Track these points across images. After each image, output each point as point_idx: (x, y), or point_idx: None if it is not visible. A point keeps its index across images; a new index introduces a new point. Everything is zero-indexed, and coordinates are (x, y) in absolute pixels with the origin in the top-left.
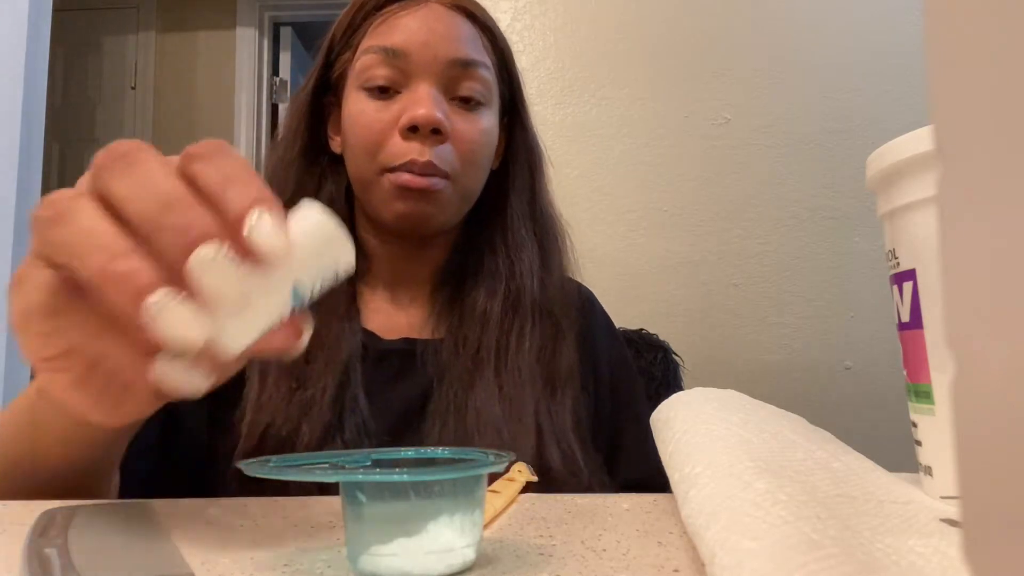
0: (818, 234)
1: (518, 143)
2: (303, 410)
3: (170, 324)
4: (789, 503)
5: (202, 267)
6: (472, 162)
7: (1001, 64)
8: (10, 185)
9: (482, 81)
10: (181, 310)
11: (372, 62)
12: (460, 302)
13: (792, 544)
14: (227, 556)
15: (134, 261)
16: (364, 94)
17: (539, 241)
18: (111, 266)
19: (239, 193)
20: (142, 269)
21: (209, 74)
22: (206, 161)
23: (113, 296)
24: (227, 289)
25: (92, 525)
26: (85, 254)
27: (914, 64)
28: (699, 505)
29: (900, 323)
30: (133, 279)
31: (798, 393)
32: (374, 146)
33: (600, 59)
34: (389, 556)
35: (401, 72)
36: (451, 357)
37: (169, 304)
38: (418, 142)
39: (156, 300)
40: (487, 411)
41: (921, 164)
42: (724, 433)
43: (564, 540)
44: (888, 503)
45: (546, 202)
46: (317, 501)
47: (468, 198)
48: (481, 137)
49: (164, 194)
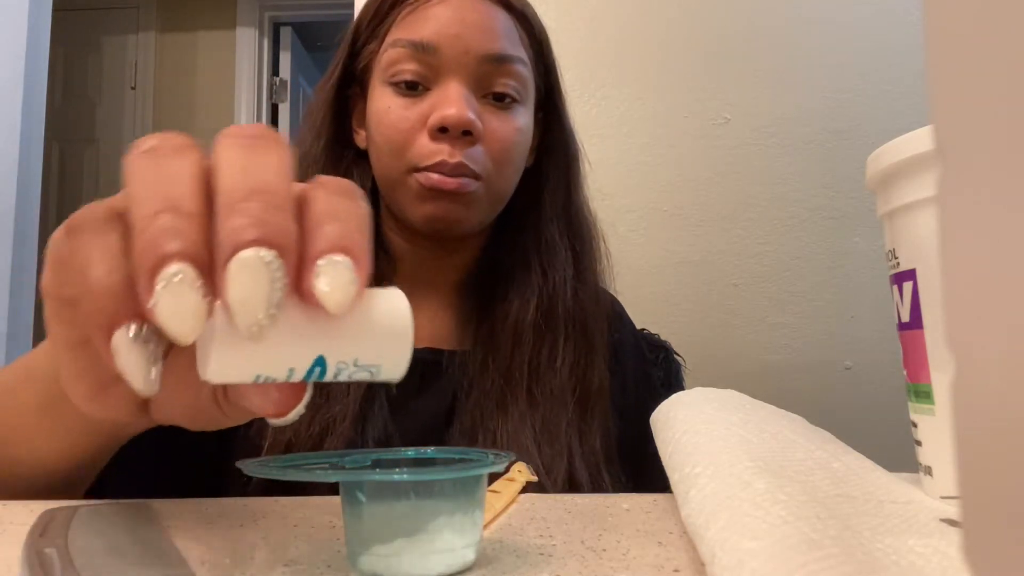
0: (818, 234)
1: (554, 138)
2: (326, 427)
3: (173, 300)
4: (789, 503)
5: (245, 266)
6: (505, 162)
7: (1001, 64)
8: (10, 185)
9: (517, 77)
10: (193, 293)
11: (399, 56)
12: (490, 311)
13: (792, 544)
14: (227, 556)
15: (182, 221)
16: (391, 89)
17: (572, 245)
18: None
19: (338, 231)
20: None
21: (209, 74)
22: (332, 195)
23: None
24: (254, 303)
25: (92, 525)
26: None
27: (914, 64)
28: (699, 505)
29: (900, 323)
30: (165, 240)
31: (798, 393)
32: (401, 145)
33: (600, 59)
34: (389, 556)
35: (430, 68)
36: (479, 371)
37: (188, 278)
38: (448, 143)
39: (177, 271)
40: (519, 435)
41: (921, 164)
42: (724, 433)
43: (564, 540)
44: (888, 503)
45: (581, 202)
46: (317, 501)
47: (500, 200)
48: (515, 136)
49: (266, 183)
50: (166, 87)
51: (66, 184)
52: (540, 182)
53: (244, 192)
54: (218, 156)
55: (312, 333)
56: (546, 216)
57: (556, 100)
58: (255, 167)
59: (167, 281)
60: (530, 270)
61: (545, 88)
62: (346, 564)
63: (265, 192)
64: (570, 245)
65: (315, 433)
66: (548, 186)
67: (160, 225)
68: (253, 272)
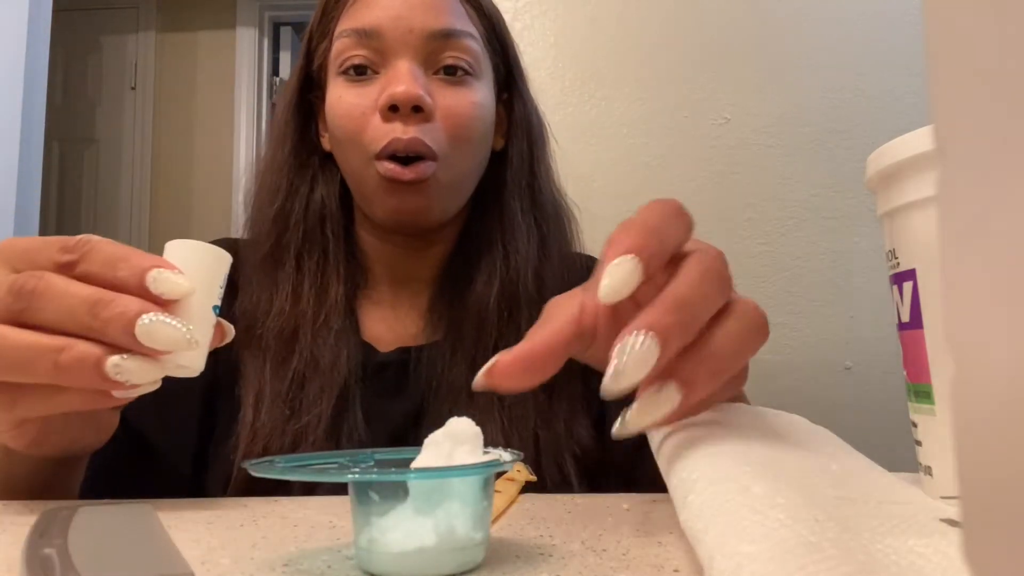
0: (818, 234)
1: (517, 118)
2: (297, 439)
3: (137, 380)
4: (787, 506)
5: (148, 331)
6: (463, 139)
7: (1001, 64)
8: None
9: (468, 51)
10: (137, 365)
11: (346, 45)
12: (458, 301)
13: (790, 547)
14: (227, 556)
15: (81, 346)
16: (341, 79)
17: (539, 226)
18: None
19: (127, 268)
20: (91, 350)
21: (209, 74)
22: (85, 261)
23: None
24: (177, 337)
25: (92, 525)
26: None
27: (914, 64)
28: (697, 510)
29: (900, 323)
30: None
31: (798, 393)
32: (356, 132)
33: (600, 59)
34: (401, 555)
35: (377, 52)
36: (448, 364)
37: (124, 364)
38: (400, 121)
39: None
40: (487, 426)
41: (921, 164)
42: (723, 435)
43: (564, 540)
44: (888, 504)
45: (547, 181)
46: (317, 501)
47: (463, 182)
48: (472, 110)
49: (85, 300)
50: (166, 87)
51: (66, 184)
52: (506, 164)
53: (85, 316)
54: (36, 318)
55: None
56: (509, 198)
57: (517, 79)
58: (62, 306)
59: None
60: (494, 254)
61: (505, 68)
62: (346, 564)
63: (91, 302)
64: (535, 225)
65: (287, 444)
66: (512, 167)
67: (71, 355)
68: (156, 326)
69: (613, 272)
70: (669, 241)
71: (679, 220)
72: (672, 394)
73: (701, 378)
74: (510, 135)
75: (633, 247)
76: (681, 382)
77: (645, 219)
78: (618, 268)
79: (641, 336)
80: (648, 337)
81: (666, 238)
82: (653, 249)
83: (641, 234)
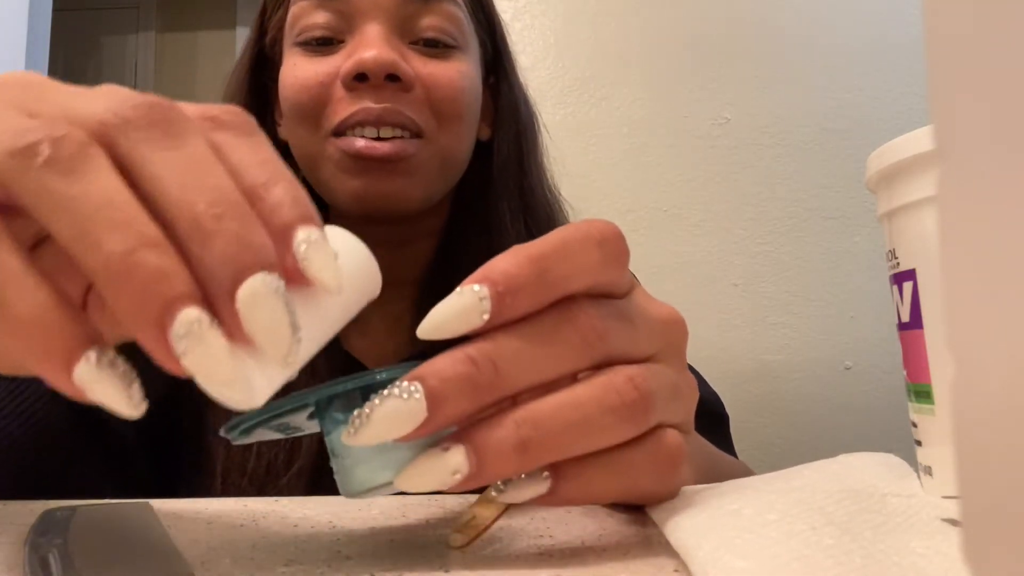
0: (818, 234)
1: (504, 105)
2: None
3: (202, 350)
4: (779, 523)
5: (258, 299)
6: (451, 115)
7: (1001, 64)
8: None
9: (451, 19)
10: (217, 337)
11: (303, 10)
12: None
13: (783, 563)
14: (227, 556)
15: (167, 257)
16: (299, 50)
17: (528, 227)
18: (135, 256)
19: (283, 196)
20: (177, 272)
21: (209, 74)
22: (240, 138)
23: (126, 296)
24: (280, 332)
25: (92, 525)
26: (99, 228)
27: (914, 64)
28: (690, 529)
29: (900, 323)
30: (163, 283)
31: (798, 393)
32: (312, 108)
33: (600, 59)
34: (384, 469)
35: (342, 16)
36: None
37: (206, 322)
38: (371, 93)
39: (196, 318)
40: None
41: (921, 164)
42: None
43: (564, 540)
44: (892, 496)
45: (538, 182)
46: (317, 501)
47: (451, 166)
48: (460, 81)
49: (216, 190)
50: (166, 87)
51: None
52: (492, 157)
53: (200, 204)
54: (137, 161)
55: (317, 313)
56: (495, 194)
57: (505, 61)
58: (190, 170)
59: (187, 330)
60: (479, 258)
61: (492, 47)
62: (347, 564)
63: (222, 198)
64: (524, 226)
65: (283, 459)
66: (498, 161)
67: (146, 266)
68: (268, 302)
69: (446, 304)
70: (558, 277)
71: (591, 252)
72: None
73: None
74: (496, 124)
75: (492, 276)
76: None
77: (540, 244)
78: (454, 300)
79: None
80: None
81: (556, 274)
82: (522, 283)
83: (515, 262)
